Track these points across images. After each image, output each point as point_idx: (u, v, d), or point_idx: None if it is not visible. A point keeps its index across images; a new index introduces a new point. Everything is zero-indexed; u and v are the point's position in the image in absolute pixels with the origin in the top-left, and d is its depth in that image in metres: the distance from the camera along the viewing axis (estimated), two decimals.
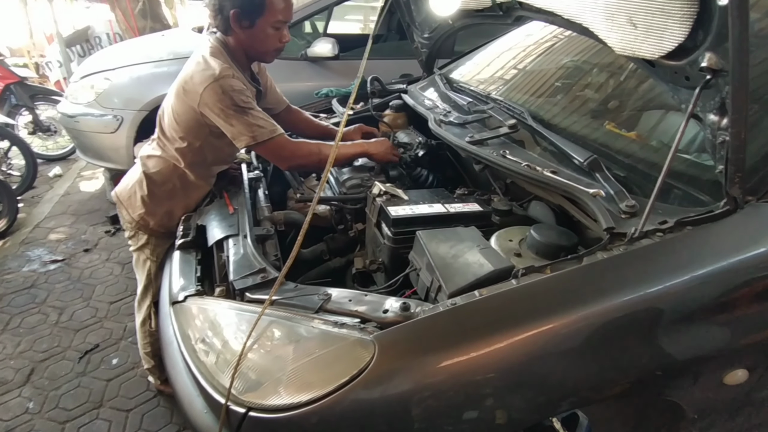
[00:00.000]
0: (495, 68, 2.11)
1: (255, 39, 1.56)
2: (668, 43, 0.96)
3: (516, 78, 1.93)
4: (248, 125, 1.46)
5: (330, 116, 2.28)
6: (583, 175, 1.25)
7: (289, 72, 3.36)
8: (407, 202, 1.30)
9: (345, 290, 1.05)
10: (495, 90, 1.87)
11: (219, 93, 1.43)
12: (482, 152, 1.39)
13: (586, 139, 1.39)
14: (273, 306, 1.04)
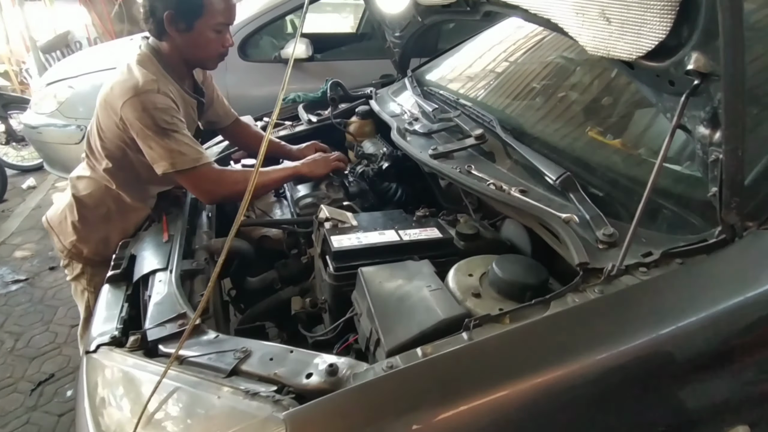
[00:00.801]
0: (469, 69, 1.94)
1: (193, 43, 1.40)
2: (647, 40, 0.78)
3: (491, 80, 1.76)
4: (168, 150, 1.29)
5: (295, 124, 2.11)
6: (558, 195, 1.08)
7: (262, 75, 3.19)
8: (355, 229, 1.13)
9: (270, 345, 0.89)
10: (466, 94, 1.69)
11: (139, 110, 1.26)
12: (444, 168, 1.22)
13: (563, 150, 1.22)
14: (183, 365, 0.88)
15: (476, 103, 1.54)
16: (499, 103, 1.58)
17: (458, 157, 1.31)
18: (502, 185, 1.13)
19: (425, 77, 2.09)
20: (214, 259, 1.27)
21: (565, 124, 1.37)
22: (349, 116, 1.94)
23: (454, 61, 2.11)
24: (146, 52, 1.39)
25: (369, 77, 2.73)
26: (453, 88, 1.79)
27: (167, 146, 1.28)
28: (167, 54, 1.41)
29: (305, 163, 1.55)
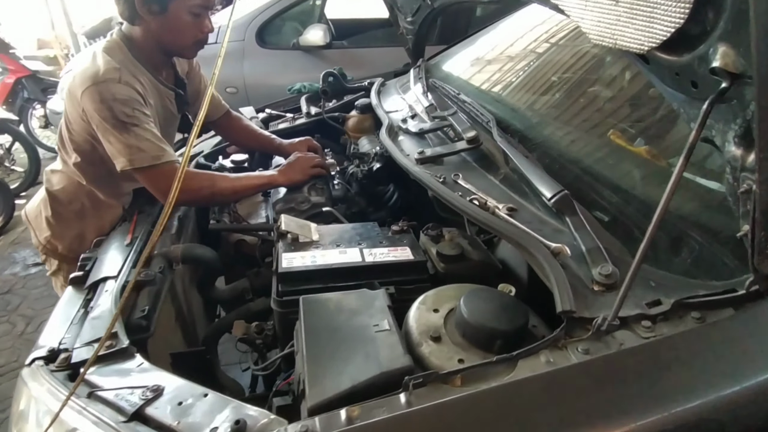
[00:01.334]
0: (479, 59, 1.73)
1: (168, 28, 1.28)
2: (661, 27, 0.58)
3: (500, 72, 1.55)
4: (126, 145, 1.18)
5: (297, 116, 1.98)
6: (554, 217, 0.89)
7: (280, 63, 3.08)
8: (315, 245, 0.98)
9: (186, 384, 0.76)
10: (470, 88, 1.49)
11: (96, 101, 1.16)
12: (425, 176, 1.05)
13: (571, 159, 1.02)
14: (91, 398, 0.77)
15: (479, 99, 1.34)
16: (506, 99, 1.37)
17: (448, 162, 1.14)
18: (489, 201, 0.94)
19: (439, 67, 1.89)
20: (171, 268, 1.17)
21: (580, 125, 1.16)
22: (349, 110, 1.78)
23: (468, 51, 1.90)
24: (116, 38, 1.30)
25: (394, 66, 2.54)
26: (458, 81, 1.59)
27: (126, 141, 1.18)
28: (140, 40, 1.31)
29: (282, 171, 1.41)
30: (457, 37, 2.72)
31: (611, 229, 0.84)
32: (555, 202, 0.85)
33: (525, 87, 1.39)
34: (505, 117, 1.21)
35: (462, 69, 1.78)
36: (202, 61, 2.88)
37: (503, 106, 1.29)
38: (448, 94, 1.41)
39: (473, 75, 1.67)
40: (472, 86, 1.53)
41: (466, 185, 1.02)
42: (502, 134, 1.07)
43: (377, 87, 1.78)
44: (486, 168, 1.08)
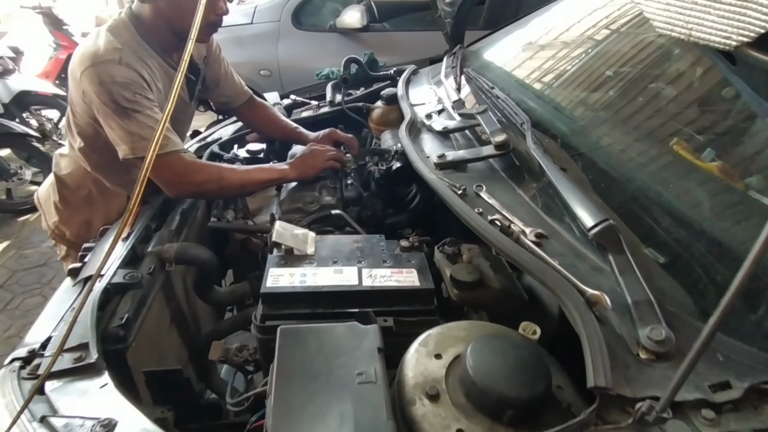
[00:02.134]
0: (526, 47, 1.52)
1: (178, 8, 1.18)
2: (758, 17, 0.40)
3: (546, 62, 1.34)
4: (128, 132, 1.10)
5: (321, 104, 1.85)
6: (593, 251, 0.72)
7: (316, 46, 2.96)
8: (308, 260, 0.86)
9: (144, 422, 0.67)
10: (508, 80, 1.30)
11: (95, 83, 1.08)
12: (441, 186, 0.89)
13: (622, 174, 0.83)
14: (43, 423, 0.70)
15: (518, 95, 1.16)
16: (550, 96, 1.18)
17: (472, 170, 0.97)
18: (514, 223, 0.78)
19: (478, 56, 1.70)
20: (164, 268, 1.08)
21: (636, 131, 0.96)
22: (375, 100, 1.63)
23: (513, 38, 1.69)
24: (123, 17, 1.21)
25: (435, 51, 2.36)
26: (498, 72, 1.40)
27: (127, 128, 1.10)
28: (149, 20, 1.22)
29: (294, 165, 1.30)
30: (504, 21, 2.50)
31: (670, 272, 0.66)
32: (597, 234, 0.68)
33: (573, 82, 1.19)
34: (546, 117, 1.03)
35: (504, 58, 1.58)
36: (233, 42, 2.81)
37: (545, 104, 1.10)
38: (482, 87, 1.23)
39: (516, 66, 1.47)
40: (513, 79, 1.34)
41: (489, 200, 0.86)
42: (536, 140, 0.90)
43: (407, 76, 1.62)
44: (515, 180, 0.91)
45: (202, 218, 1.35)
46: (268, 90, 2.94)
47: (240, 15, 2.91)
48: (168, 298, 1.14)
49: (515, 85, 1.27)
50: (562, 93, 1.16)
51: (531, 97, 1.16)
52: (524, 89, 1.21)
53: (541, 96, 1.14)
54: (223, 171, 1.22)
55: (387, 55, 3.01)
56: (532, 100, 1.14)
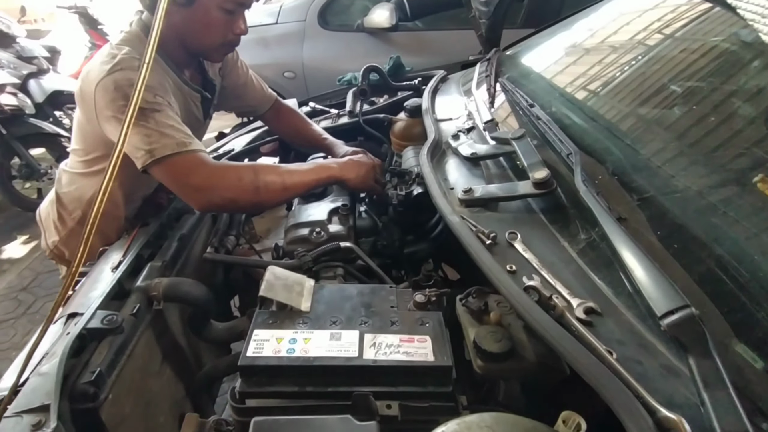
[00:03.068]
0: (572, 51, 1.33)
1: (194, 24, 1.08)
2: None
3: (599, 73, 1.15)
4: (145, 135, 0.96)
5: (342, 113, 1.71)
6: (663, 342, 0.54)
7: (342, 46, 2.82)
8: (301, 319, 0.72)
9: None
10: (554, 93, 1.11)
11: (110, 90, 0.97)
12: (464, 230, 0.73)
13: (707, 229, 0.64)
14: None
15: (564, 113, 0.98)
16: (605, 116, 0.98)
17: (505, 210, 0.80)
18: (556, 290, 0.61)
19: (516, 61, 1.52)
20: (151, 307, 0.97)
21: (724, 168, 0.76)
22: (396, 112, 1.48)
23: (556, 40, 1.49)
24: (135, 29, 1.10)
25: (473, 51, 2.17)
26: (540, 83, 1.21)
27: (145, 130, 0.97)
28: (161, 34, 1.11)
29: (345, 166, 1.15)
30: (546, 20, 2.28)
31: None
32: (672, 325, 0.50)
33: (636, 98, 0.99)
34: (600, 145, 0.84)
35: (546, 65, 1.39)
36: (257, 43, 2.71)
37: (599, 127, 0.91)
38: (520, 103, 1.06)
39: (560, 75, 1.27)
40: (557, 92, 1.14)
41: (524, 253, 0.69)
42: (587, 179, 0.72)
43: (433, 84, 1.45)
44: (559, 227, 0.74)
45: (203, 245, 1.24)
46: (293, 93, 2.85)
47: (265, 15, 2.81)
48: (159, 335, 1.03)
49: (560, 100, 1.08)
50: (621, 113, 0.96)
51: (580, 116, 0.97)
52: (572, 106, 1.02)
53: (594, 115, 0.95)
54: (258, 169, 1.06)
55: (418, 56, 2.84)
56: (581, 119, 0.95)
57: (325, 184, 1.18)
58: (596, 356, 0.52)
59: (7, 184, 3.13)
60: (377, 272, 1.05)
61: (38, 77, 3.51)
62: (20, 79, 3.31)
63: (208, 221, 1.29)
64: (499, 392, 0.79)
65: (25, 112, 3.08)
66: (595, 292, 0.61)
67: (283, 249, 1.09)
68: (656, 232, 0.64)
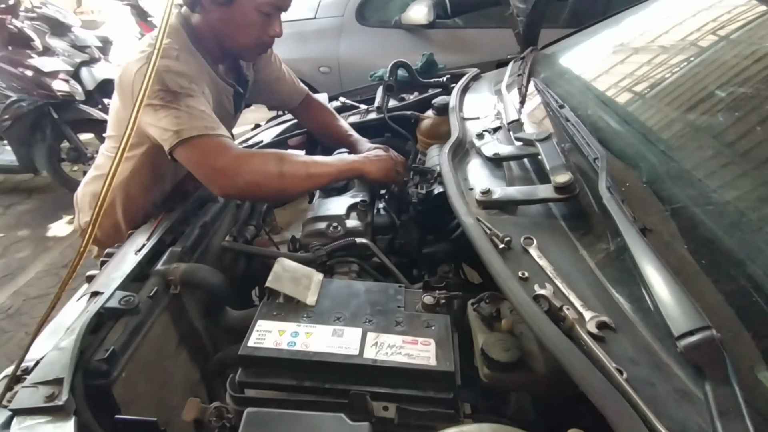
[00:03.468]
0: (614, 53, 1.26)
1: (231, 23, 1.10)
2: None
3: (640, 75, 1.08)
4: (175, 116, 0.98)
5: (371, 108, 1.70)
6: (682, 366, 0.50)
7: (378, 43, 2.81)
8: (305, 313, 0.71)
9: None
10: (588, 95, 1.06)
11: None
12: (477, 232, 0.70)
13: (743, 247, 0.59)
14: None
15: (598, 116, 0.93)
16: (640, 120, 0.93)
17: (523, 213, 0.77)
18: (569, 301, 0.58)
19: (553, 61, 1.46)
20: (168, 291, 0.99)
21: (760, 182, 0.70)
22: (423, 110, 1.45)
23: (598, 40, 1.43)
24: (174, 22, 1.14)
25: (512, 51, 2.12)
26: (576, 83, 1.16)
27: (176, 111, 0.98)
28: (199, 29, 1.15)
29: (367, 160, 1.15)
30: (591, 19, 2.19)
31: None
32: (689, 347, 0.46)
33: (672, 103, 0.93)
34: (633, 150, 0.79)
35: (584, 66, 1.33)
36: (294, 37, 2.74)
37: (633, 131, 0.86)
38: (550, 102, 1.01)
39: (598, 76, 1.21)
40: (593, 92, 1.09)
41: (539, 260, 0.66)
42: (612, 185, 0.68)
43: (464, 82, 1.41)
44: (580, 235, 0.70)
45: (224, 234, 1.26)
46: (327, 88, 2.87)
47: (304, 9, 2.84)
48: (176, 319, 1.06)
49: (595, 101, 1.02)
50: (659, 118, 0.90)
51: (615, 119, 0.92)
52: (607, 108, 0.97)
53: (629, 119, 0.90)
54: (283, 156, 1.06)
55: (455, 54, 2.79)
56: (615, 122, 0.90)
57: (347, 177, 1.17)
58: (604, 374, 0.48)
59: (56, 166, 3.30)
60: (392, 270, 1.04)
61: (90, 66, 3.68)
62: (73, 67, 3.48)
63: (232, 210, 1.31)
64: (510, 403, 0.76)
65: (75, 99, 3.23)
66: (611, 306, 0.57)
67: (299, 241, 1.09)
68: (685, 245, 0.59)
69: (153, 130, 1.05)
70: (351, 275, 1.03)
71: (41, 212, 3.36)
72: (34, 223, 3.22)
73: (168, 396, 1.01)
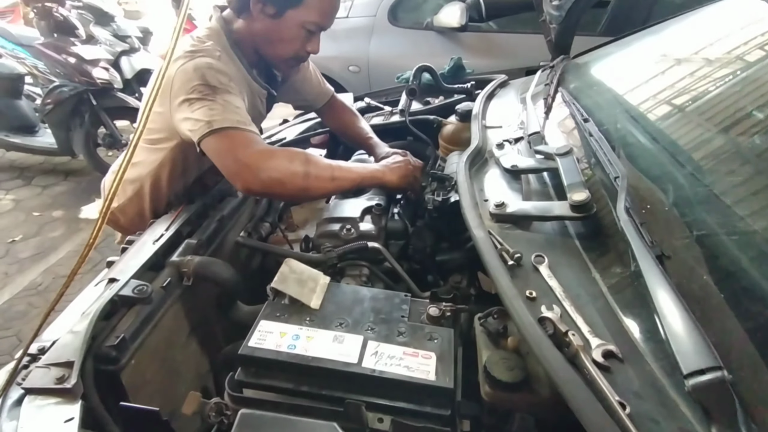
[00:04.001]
0: (652, 64, 1.21)
1: (275, 34, 1.14)
2: None
3: (675, 89, 1.04)
4: (209, 109, 0.99)
5: (395, 110, 1.69)
6: (689, 404, 0.47)
7: (408, 44, 2.79)
8: (308, 317, 0.71)
9: None
10: (618, 108, 1.02)
11: (189, 71, 1.01)
12: (487, 246, 0.69)
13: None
14: None
15: (623, 129, 0.89)
16: (671, 138, 0.89)
17: (537, 230, 0.75)
18: (575, 327, 0.56)
19: (585, 71, 1.42)
20: (181, 282, 1.01)
21: None
22: (447, 115, 1.43)
23: (635, 50, 1.38)
24: (216, 26, 1.17)
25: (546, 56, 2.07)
26: (607, 95, 1.12)
27: (212, 104, 0.99)
28: (239, 33, 1.18)
29: (390, 168, 1.15)
30: (630, 28, 2.12)
31: None
32: (697, 388, 0.44)
33: (707, 122, 0.88)
34: (661, 170, 0.76)
35: (616, 77, 1.29)
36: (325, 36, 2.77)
37: (661, 149, 0.82)
38: (574, 114, 0.98)
39: (629, 88, 1.17)
40: (623, 106, 1.05)
41: (548, 279, 0.64)
42: (632, 207, 0.65)
43: (490, 89, 1.39)
44: (595, 256, 0.67)
45: (240, 229, 1.28)
46: (356, 87, 2.88)
47: None
48: (188, 309, 1.08)
49: (625, 116, 0.98)
50: (690, 136, 0.86)
51: (643, 136, 0.88)
52: (635, 123, 0.93)
53: (658, 136, 0.86)
54: (309, 157, 1.06)
55: (486, 58, 2.75)
56: (644, 139, 0.86)
57: (369, 186, 1.17)
58: (605, 407, 0.46)
59: (92, 151, 3.42)
60: (403, 276, 1.03)
61: (130, 55, 3.80)
62: (113, 56, 3.60)
63: (250, 206, 1.33)
64: (513, 423, 0.75)
65: (114, 86, 3.34)
66: (620, 334, 0.55)
67: (312, 241, 1.10)
68: (705, 276, 0.56)
69: (186, 125, 1.06)
70: (361, 279, 1.03)
71: (75, 194, 3.49)
72: (68, 204, 3.35)
73: (177, 384, 1.03)
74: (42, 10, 3.07)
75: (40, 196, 3.47)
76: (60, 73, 3.18)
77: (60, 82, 3.20)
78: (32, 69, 3.38)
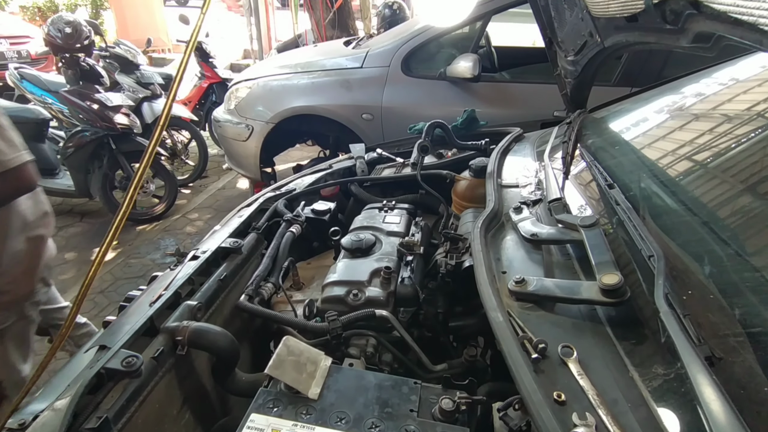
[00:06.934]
0: (675, 121, 1.16)
1: None
2: None
3: (706, 150, 0.97)
4: None
5: (407, 162, 1.65)
6: None
7: (421, 94, 2.81)
8: (306, 409, 0.63)
9: None
10: (644, 170, 0.96)
11: None
12: (506, 336, 0.61)
13: None
14: None
15: (652, 196, 0.82)
16: (707, 208, 0.81)
17: (563, 312, 0.67)
18: None
19: (604, 126, 1.37)
20: (175, 351, 0.94)
21: None
22: (461, 170, 1.38)
23: (654, 105, 1.33)
24: None
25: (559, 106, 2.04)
26: (630, 156, 1.06)
27: None
28: None
29: None
30: (645, 81, 2.09)
31: None
32: None
33: (752, 190, 0.81)
34: (699, 248, 0.68)
35: (639, 134, 1.23)
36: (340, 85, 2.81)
37: (700, 222, 0.75)
38: (598, 180, 0.92)
39: (655, 147, 1.11)
40: (650, 168, 0.98)
41: (579, 378, 0.55)
42: (673, 294, 0.57)
43: (506, 143, 1.34)
44: (631, 348, 0.59)
45: (242, 288, 1.21)
46: (369, 134, 2.89)
47: (351, 59, 2.91)
48: (182, 379, 1.00)
49: (653, 179, 0.91)
50: (734, 206, 0.79)
51: (678, 206, 0.81)
52: (666, 190, 0.86)
53: (694, 205, 0.79)
54: None
55: (500, 108, 2.75)
56: (679, 209, 0.79)
57: None
58: None
59: (108, 194, 3.46)
60: (413, 347, 0.95)
61: (151, 101, 3.92)
62: (135, 102, 3.71)
63: (254, 264, 1.27)
64: None
65: (133, 131, 3.42)
66: None
67: (316, 307, 1.03)
68: (764, 384, 0.48)
69: None
70: (368, 349, 0.95)
71: (89, 236, 3.50)
72: (80, 246, 3.35)
73: None
74: (69, 60, 3.20)
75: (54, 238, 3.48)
76: (83, 119, 3.27)
77: (82, 127, 3.28)
78: (57, 114, 3.48)
